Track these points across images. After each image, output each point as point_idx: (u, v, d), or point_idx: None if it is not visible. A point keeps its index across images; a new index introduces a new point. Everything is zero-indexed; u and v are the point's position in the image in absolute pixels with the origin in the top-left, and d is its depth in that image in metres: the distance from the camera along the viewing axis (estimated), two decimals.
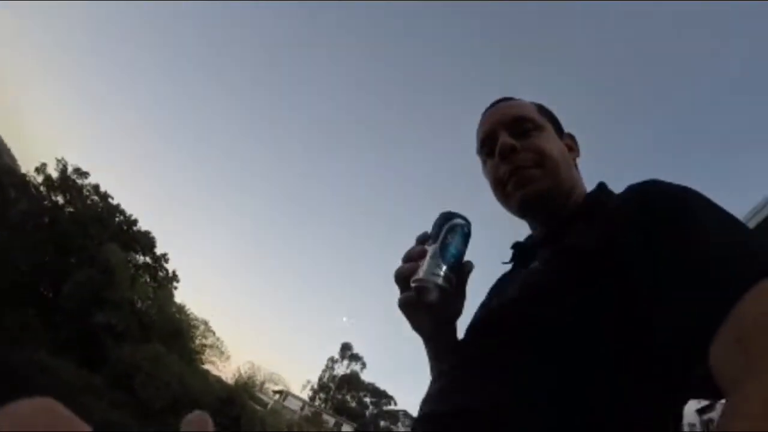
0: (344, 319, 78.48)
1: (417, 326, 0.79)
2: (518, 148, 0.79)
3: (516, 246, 0.90)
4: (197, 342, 18.58)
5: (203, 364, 18.11)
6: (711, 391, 0.49)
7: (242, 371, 20.94)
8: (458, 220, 0.73)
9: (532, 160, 0.79)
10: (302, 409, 30.55)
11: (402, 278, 0.72)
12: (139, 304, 15.74)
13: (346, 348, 51.91)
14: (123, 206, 18.96)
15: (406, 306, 0.74)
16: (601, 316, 0.57)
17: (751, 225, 3.37)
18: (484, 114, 0.89)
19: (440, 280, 0.67)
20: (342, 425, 32.24)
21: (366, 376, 51.54)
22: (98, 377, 12.44)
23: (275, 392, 26.99)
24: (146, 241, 18.47)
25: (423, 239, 0.74)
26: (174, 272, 19.92)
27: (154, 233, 19.42)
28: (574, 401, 0.55)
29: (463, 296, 0.75)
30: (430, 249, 0.70)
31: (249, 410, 15.88)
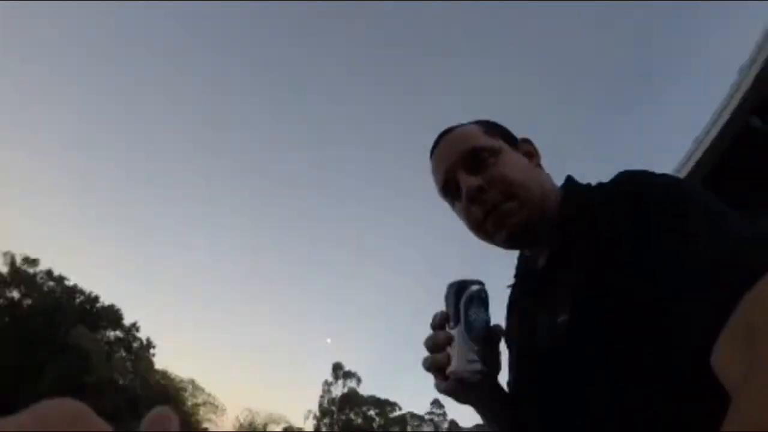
0: (327, 340, 77.89)
1: (466, 402, 0.76)
2: (484, 186, 0.75)
3: (520, 268, 0.88)
4: (189, 404, 18.18)
5: (201, 424, 17.74)
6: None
7: (241, 420, 20.59)
8: (473, 288, 0.69)
9: (501, 193, 0.75)
10: None
11: (435, 369, 0.70)
12: (120, 381, 15.35)
13: (337, 368, 51.41)
14: (81, 285, 18.49)
15: (452, 394, 0.72)
16: (650, 342, 0.57)
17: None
18: (433, 155, 0.84)
19: (479, 366, 0.65)
20: None
21: (364, 390, 51.23)
22: None
23: None
24: (112, 315, 18.04)
25: (442, 321, 0.71)
26: (148, 339, 19.56)
27: (118, 304, 18.98)
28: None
29: (498, 356, 0.72)
30: (456, 333, 0.67)
31: None
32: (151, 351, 19.49)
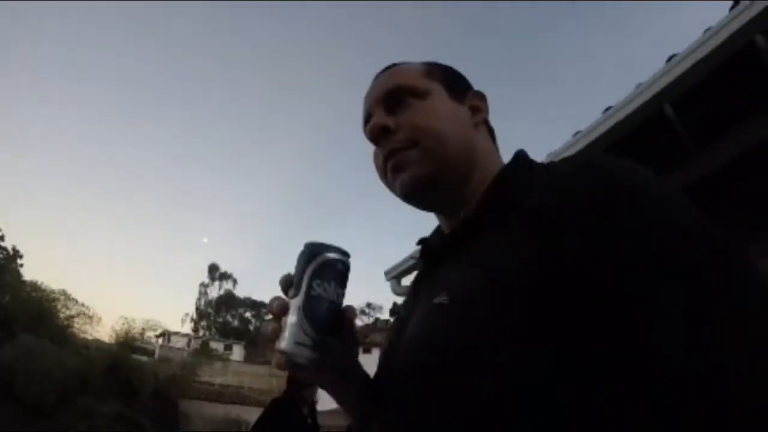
0: (204, 239, 76.08)
1: (318, 385, 0.67)
2: (390, 127, 0.67)
3: (423, 244, 0.75)
4: (62, 316, 17.24)
5: (75, 338, 17.00)
6: None
7: (117, 329, 20.13)
8: (329, 256, 0.57)
9: (405, 139, 0.66)
10: (188, 344, 28.89)
11: (269, 338, 0.57)
12: None
13: (214, 269, 49.52)
14: None
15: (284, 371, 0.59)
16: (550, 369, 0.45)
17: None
18: (368, 88, 0.75)
19: (307, 352, 0.53)
20: (232, 347, 31.55)
21: (240, 291, 50.61)
22: None
23: (157, 337, 26.44)
24: None
25: (286, 284, 0.58)
26: (14, 248, 17.46)
27: None
28: None
29: (352, 344, 0.61)
30: (293, 306, 0.55)
31: (138, 368, 15.60)
32: (19, 261, 17.71)
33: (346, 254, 0.58)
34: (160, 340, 27.70)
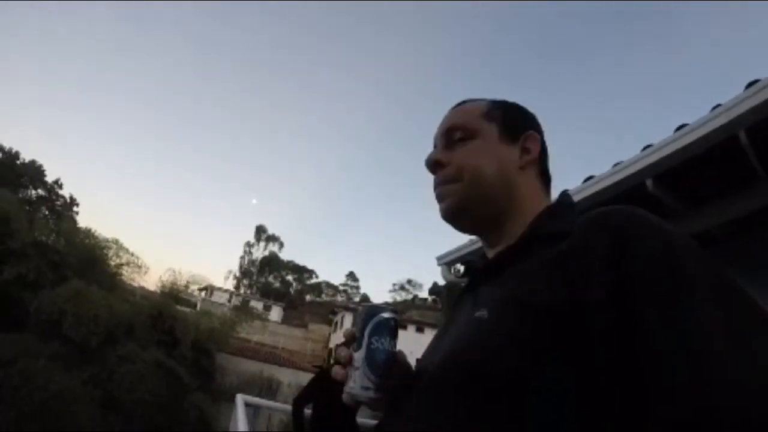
0: (253, 201, 78.12)
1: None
2: (443, 162, 0.77)
3: (468, 265, 0.83)
4: (112, 264, 18.07)
5: (123, 285, 17.85)
6: None
7: (163, 279, 20.99)
8: (382, 316, 0.69)
9: (451, 174, 0.76)
10: (230, 300, 30.12)
11: (336, 379, 0.69)
12: (43, 241, 14.72)
13: (261, 230, 51.02)
14: None
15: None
16: (554, 393, 0.48)
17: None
18: None
19: (371, 393, 0.65)
20: (271, 307, 32.63)
21: (285, 255, 52.60)
22: (28, 336, 11.72)
23: (200, 290, 27.44)
24: (33, 172, 16.51)
25: (350, 338, 0.69)
26: (71, 197, 18.32)
27: (41, 159, 17.50)
28: None
29: (407, 377, 0.68)
30: (357, 357, 0.67)
31: (180, 319, 16.22)
32: (75, 209, 18.58)
33: (395, 312, 0.70)
34: (203, 294, 28.83)
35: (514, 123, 0.80)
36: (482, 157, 0.75)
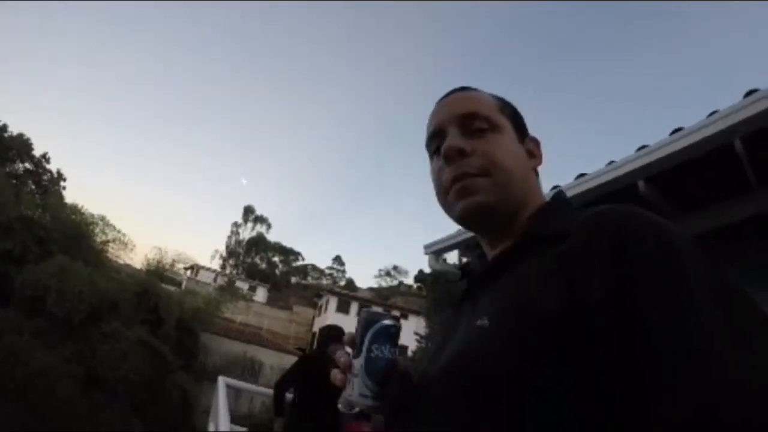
0: (243, 181, 77.52)
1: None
2: (467, 151, 0.70)
3: (465, 269, 0.82)
4: (98, 240, 17.92)
5: (109, 262, 17.71)
6: None
7: (149, 258, 20.91)
8: (382, 323, 0.69)
9: (479, 167, 0.69)
10: (215, 279, 30.02)
11: (336, 384, 0.70)
12: (28, 215, 14.57)
13: (249, 211, 50.77)
14: None
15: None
16: (559, 397, 0.48)
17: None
18: (438, 104, 0.79)
19: (370, 402, 0.66)
20: (256, 288, 32.65)
21: (272, 237, 52.06)
22: (12, 311, 11.78)
23: (186, 269, 27.37)
24: (21, 145, 16.14)
25: (351, 343, 0.71)
26: (59, 172, 17.91)
27: (28, 133, 17.06)
28: None
29: (407, 383, 0.69)
30: (357, 365, 0.68)
31: (165, 297, 16.20)
32: (62, 184, 18.28)
33: (397, 319, 0.70)
34: (189, 273, 28.76)
35: (521, 123, 0.79)
36: (510, 153, 0.72)
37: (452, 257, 5.17)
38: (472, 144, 0.71)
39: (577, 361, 0.49)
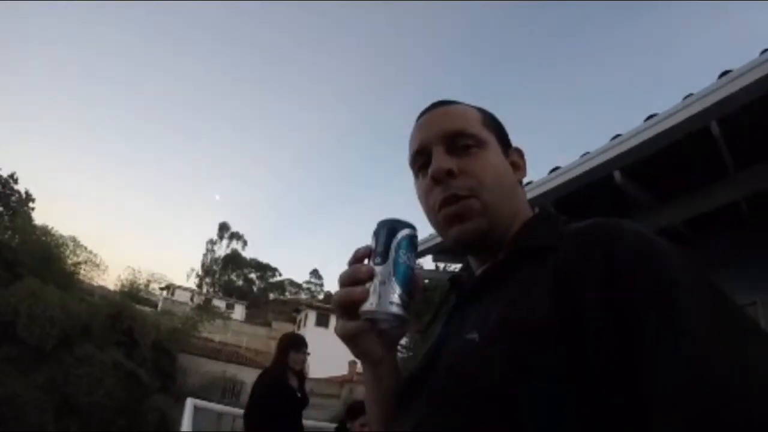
0: (216, 197, 76.63)
1: (362, 353, 0.70)
2: (455, 172, 0.68)
3: (454, 280, 0.81)
4: (69, 262, 17.42)
5: (80, 284, 17.20)
6: None
7: (123, 278, 20.41)
8: (407, 231, 0.65)
9: (468, 187, 0.68)
10: (192, 299, 29.23)
11: (347, 304, 0.64)
12: None
13: (224, 228, 50.27)
14: None
15: (356, 336, 0.66)
16: (556, 414, 0.48)
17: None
18: (419, 120, 0.77)
19: (399, 310, 0.61)
20: (234, 306, 32.14)
21: (248, 253, 51.49)
22: None
23: (161, 289, 26.80)
24: None
25: (364, 255, 0.66)
26: (27, 192, 17.51)
27: None
28: None
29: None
30: (380, 271, 0.62)
31: (139, 318, 15.80)
32: (30, 205, 17.83)
33: (415, 228, 0.67)
34: (164, 293, 28.19)
35: (505, 135, 0.78)
36: (497, 171, 0.71)
37: (426, 263, 5.16)
38: (458, 163, 0.70)
39: (568, 374, 0.49)
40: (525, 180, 0.83)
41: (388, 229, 0.65)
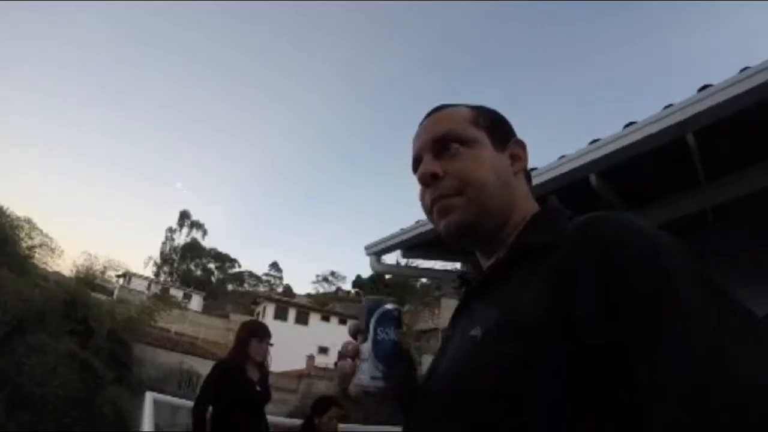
0: (177, 185, 74.64)
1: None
2: (439, 174, 0.74)
3: (463, 278, 0.84)
4: (24, 245, 16.67)
5: (35, 269, 16.47)
6: None
7: (78, 264, 19.67)
8: (386, 308, 0.73)
9: (453, 187, 0.73)
10: (149, 287, 28.89)
11: (343, 376, 0.73)
12: None
13: (184, 216, 49.06)
14: None
15: (357, 397, 0.73)
16: (556, 413, 0.49)
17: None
18: (418, 128, 0.82)
19: (381, 383, 0.69)
20: (191, 296, 31.55)
21: (208, 243, 50.25)
22: None
23: (118, 277, 26.04)
24: None
25: (355, 332, 0.74)
26: None
27: None
28: None
29: (407, 373, 0.74)
30: (364, 349, 0.71)
31: (95, 306, 15.31)
32: None
33: (397, 303, 0.74)
34: (121, 281, 27.42)
35: (500, 129, 0.80)
36: (483, 167, 0.74)
37: (391, 258, 5.03)
38: (445, 165, 0.74)
39: (566, 373, 0.49)
40: None
41: (368, 309, 0.73)
